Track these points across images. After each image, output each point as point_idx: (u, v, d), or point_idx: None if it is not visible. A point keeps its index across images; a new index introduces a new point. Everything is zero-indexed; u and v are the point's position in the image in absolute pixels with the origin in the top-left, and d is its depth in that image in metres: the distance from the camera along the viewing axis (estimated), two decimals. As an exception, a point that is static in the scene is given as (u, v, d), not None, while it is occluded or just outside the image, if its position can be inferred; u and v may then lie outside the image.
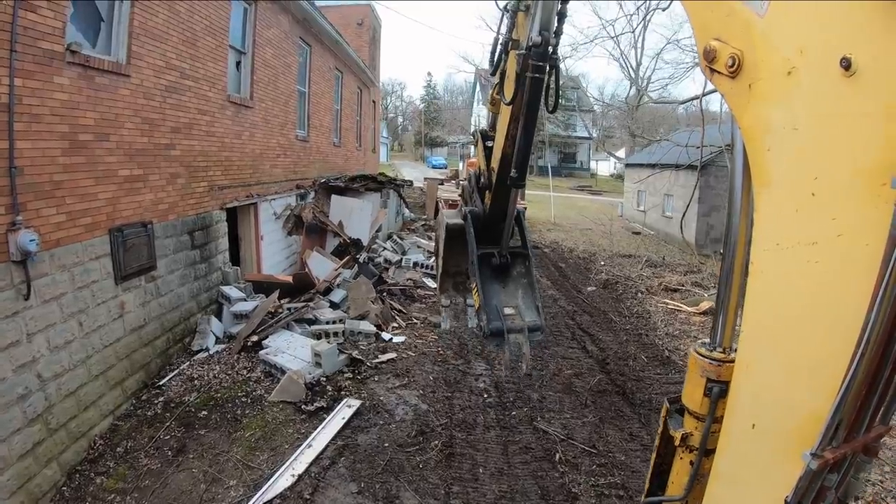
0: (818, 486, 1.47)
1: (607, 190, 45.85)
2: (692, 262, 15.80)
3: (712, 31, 1.64)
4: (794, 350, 1.53)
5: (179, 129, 7.37)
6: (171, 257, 7.43)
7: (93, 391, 6.00)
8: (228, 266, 8.96)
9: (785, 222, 1.52)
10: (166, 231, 7.28)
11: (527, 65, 2.82)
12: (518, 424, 6.55)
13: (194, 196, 7.91)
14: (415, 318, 9.26)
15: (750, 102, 1.57)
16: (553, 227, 22.90)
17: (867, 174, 1.30)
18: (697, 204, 18.62)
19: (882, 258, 1.25)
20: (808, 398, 1.47)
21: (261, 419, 6.18)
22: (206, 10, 7.84)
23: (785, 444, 1.54)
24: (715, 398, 1.91)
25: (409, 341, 8.28)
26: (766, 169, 1.55)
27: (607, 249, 17.69)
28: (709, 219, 19.83)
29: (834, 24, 1.35)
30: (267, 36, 10.13)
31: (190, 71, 7.52)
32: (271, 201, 10.67)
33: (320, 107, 14.20)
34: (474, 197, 3.98)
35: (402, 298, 10.14)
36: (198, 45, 7.68)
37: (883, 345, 1.32)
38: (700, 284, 13.32)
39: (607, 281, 13.67)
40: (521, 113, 3.04)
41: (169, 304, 7.43)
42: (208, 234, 8.37)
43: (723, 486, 1.84)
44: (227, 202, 8.86)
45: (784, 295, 1.56)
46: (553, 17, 2.81)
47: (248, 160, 9.56)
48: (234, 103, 8.90)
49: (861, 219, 1.32)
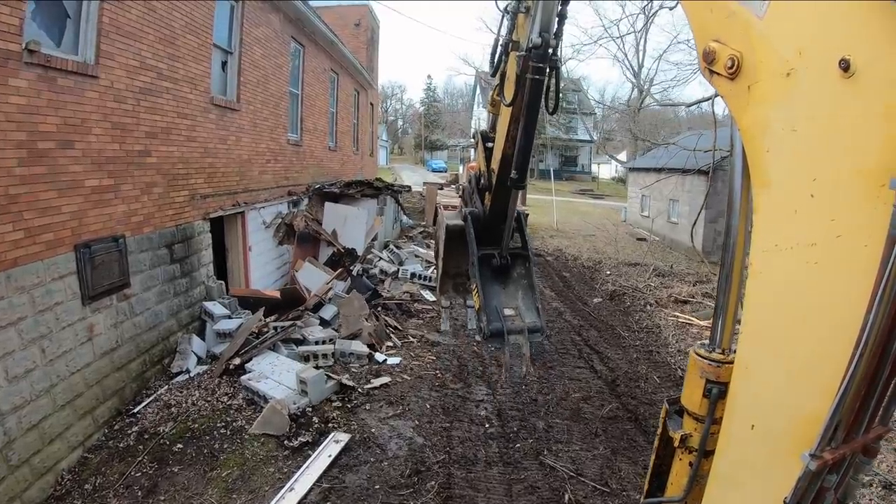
0: (817, 487, 1.46)
1: (609, 194, 45.28)
2: (701, 270, 15.22)
3: (711, 33, 1.64)
4: (794, 351, 1.53)
5: (156, 134, 6.80)
6: (147, 273, 6.87)
7: (59, 422, 5.46)
8: (212, 280, 8.40)
9: (784, 223, 1.51)
10: (141, 245, 6.72)
11: (527, 66, 2.80)
12: (523, 459, 5.97)
13: (173, 206, 7.35)
14: (411, 337, 8.66)
15: (749, 104, 1.57)
16: (556, 233, 22.30)
17: (866, 175, 1.30)
18: (705, 210, 18.05)
19: (881, 259, 1.24)
20: (808, 399, 1.47)
21: (240, 455, 5.60)
22: (187, 6, 7.28)
23: (784, 444, 1.54)
24: (714, 399, 1.90)
25: (405, 363, 7.69)
26: (765, 170, 1.55)
27: (612, 257, 17.11)
28: (716, 225, 19.23)
29: (833, 25, 1.35)
30: (256, 35, 9.57)
31: (168, 72, 6.96)
32: (260, 209, 10.10)
33: (314, 109, 13.64)
34: (474, 198, 3.91)
35: (399, 314, 9.55)
36: (177, 44, 7.12)
37: (882, 345, 1.31)
38: (711, 295, 12.72)
39: (614, 292, 13.08)
40: (522, 114, 3.00)
41: (145, 324, 6.87)
42: (189, 246, 7.80)
43: (722, 486, 1.84)
44: (210, 212, 8.30)
45: (783, 296, 1.55)
46: (553, 19, 2.78)
47: (234, 166, 9.00)
48: (219, 106, 8.34)
49: (860, 220, 1.32)
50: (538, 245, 19.20)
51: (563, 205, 26.95)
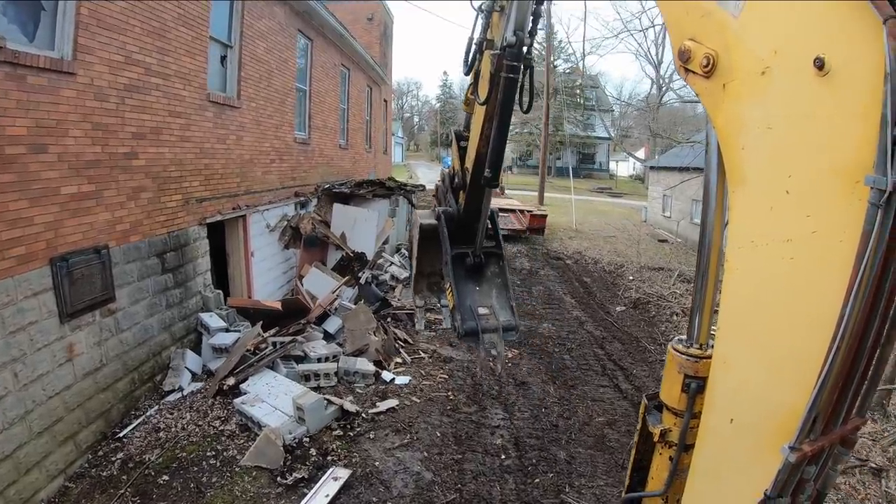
0: (797, 479, 1.48)
1: (627, 192, 44.15)
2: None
3: (687, 32, 1.66)
4: (771, 345, 1.55)
5: (144, 134, 6.28)
6: (134, 285, 6.36)
7: (36, 451, 4.99)
8: (210, 289, 7.88)
9: (759, 220, 1.54)
10: (128, 255, 6.20)
11: (501, 65, 2.81)
12: (542, 497, 5.35)
13: (165, 212, 6.83)
14: (422, 352, 8.06)
15: (724, 102, 1.60)
16: (575, 234, 21.47)
17: (841, 172, 1.32)
18: (731, 211, 17.15)
19: (856, 254, 1.26)
20: (786, 392, 1.49)
21: (228, 492, 5.05)
22: (180, -4, 6.74)
23: (763, 437, 1.56)
24: (693, 394, 1.91)
25: (415, 382, 7.08)
26: (741, 167, 1.58)
27: (635, 261, 16.30)
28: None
29: (808, 24, 1.37)
30: (258, 28, 9.02)
31: (158, 67, 6.43)
32: (264, 212, 9.57)
33: (324, 106, 13.08)
34: (448, 197, 3.89)
35: (410, 325, 8.95)
36: (168, 37, 6.58)
37: (858, 338, 1.35)
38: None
39: (638, 300, 12.34)
40: (496, 113, 3.02)
41: (133, 340, 6.38)
42: (183, 254, 7.29)
43: (702, 480, 1.86)
44: (207, 216, 7.78)
45: (759, 291, 1.57)
46: (528, 18, 2.79)
47: (234, 167, 8.47)
48: (217, 103, 7.80)
49: (835, 216, 1.34)
50: (557, 247, 18.45)
51: (581, 204, 26.05)
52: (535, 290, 12.87)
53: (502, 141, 3.11)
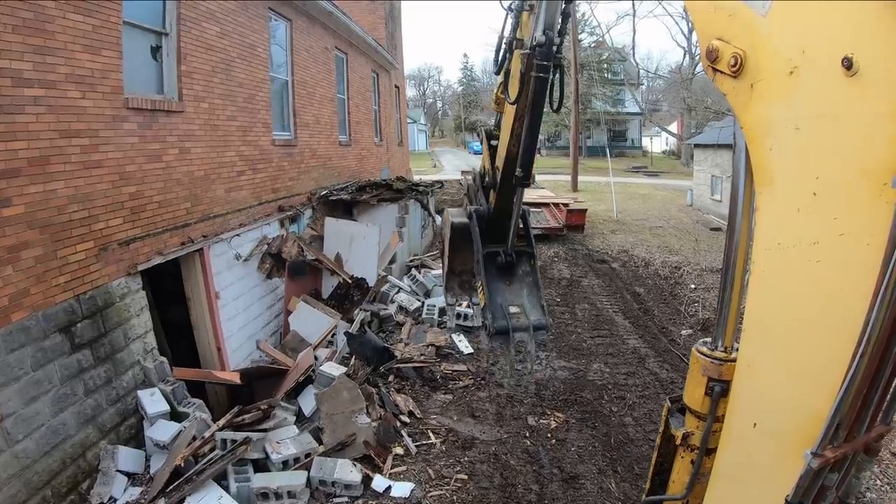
0: (819, 486, 1.46)
1: (665, 170, 40.90)
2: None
3: (715, 31, 1.64)
4: (796, 349, 1.53)
5: (18, 170, 4.35)
6: (27, 378, 4.51)
7: None
8: (151, 358, 5.97)
9: (786, 222, 1.52)
10: (9, 341, 4.33)
11: (531, 64, 2.83)
12: None
13: (67, 269, 4.91)
14: (432, 432, 5.91)
15: (752, 102, 1.57)
16: (617, 226, 18.87)
17: (868, 174, 1.29)
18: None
19: (883, 258, 1.24)
20: (810, 397, 1.46)
21: None
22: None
23: (786, 442, 1.54)
24: (716, 397, 1.90)
25: (419, 493, 4.98)
26: (768, 168, 1.56)
27: (692, 261, 13.79)
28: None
29: (836, 24, 1.34)
30: (205, 8, 6.94)
31: (33, 72, 4.45)
32: (231, 239, 7.59)
33: (313, 98, 10.99)
34: (479, 196, 3.96)
35: (419, 384, 6.85)
36: (50, 29, 4.59)
37: (884, 344, 1.31)
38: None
39: (707, 320, 9.98)
40: (526, 112, 3.03)
41: (37, 450, 4.57)
42: (105, 319, 5.37)
43: (724, 484, 1.85)
44: (140, 261, 5.83)
45: (785, 294, 1.55)
46: (557, 17, 2.79)
47: (179, 189, 6.47)
48: (143, 109, 5.80)
49: (862, 218, 1.31)
50: (599, 245, 16.01)
51: (618, 187, 23.27)
52: (578, 310, 10.58)
53: (533, 140, 3.14)
